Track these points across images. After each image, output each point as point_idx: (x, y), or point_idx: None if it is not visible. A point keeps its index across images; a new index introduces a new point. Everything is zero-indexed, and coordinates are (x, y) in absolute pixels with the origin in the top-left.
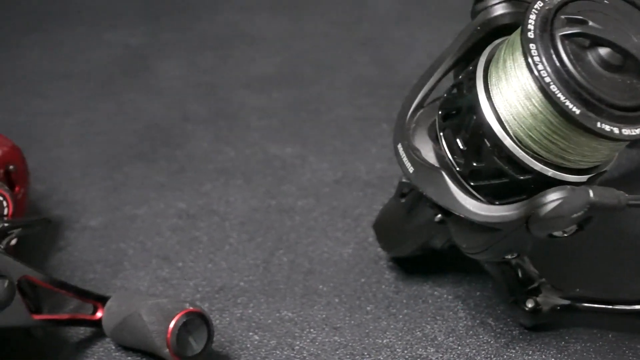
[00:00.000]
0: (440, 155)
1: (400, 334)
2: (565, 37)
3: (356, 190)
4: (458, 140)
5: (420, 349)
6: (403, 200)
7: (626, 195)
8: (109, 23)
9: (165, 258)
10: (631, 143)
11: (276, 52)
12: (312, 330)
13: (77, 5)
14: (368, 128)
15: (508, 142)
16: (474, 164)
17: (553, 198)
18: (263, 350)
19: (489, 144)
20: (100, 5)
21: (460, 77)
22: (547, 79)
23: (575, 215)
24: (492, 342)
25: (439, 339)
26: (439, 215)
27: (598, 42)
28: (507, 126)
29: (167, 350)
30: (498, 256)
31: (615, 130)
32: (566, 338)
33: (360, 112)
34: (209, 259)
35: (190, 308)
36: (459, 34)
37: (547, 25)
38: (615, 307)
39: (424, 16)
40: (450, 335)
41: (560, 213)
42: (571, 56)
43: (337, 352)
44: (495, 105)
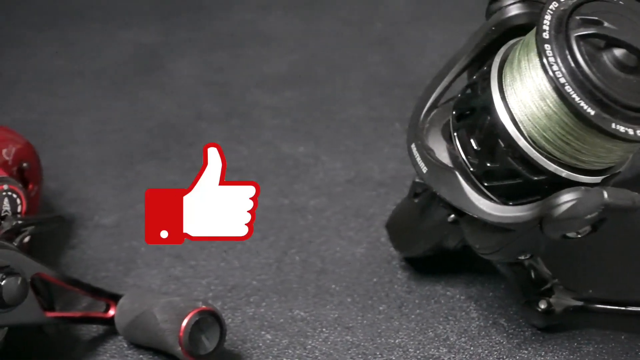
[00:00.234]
0: (454, 156)
1: (412, 334)
2: (580, 38)
3: (369, 189)
4: (472, 141)
5: (432, 349)
6: (416, 200)
7: None
8: (123, 21)
9: (177, 256)
10: None
11: (290, 52)
12: (325, 329)
13: (91, 3)
14: (381, 128)
15: (522, 143)
16: (488, 165)
17: (567, 199)
18: (275, 349)
19: (503, 145)
20: (114, 3)
21: (474, 78)
22: (562, 80)
23: (589, 216)
24: (505, 343)
25: (452, 339)
26: (452, 215)
27: (613, 43)
28: (522, 127)
29: (180, 348)
30: (511, 257)
31: (630, 131)
32: (579, 339)
33: (373, 112)
34: (221, 258)
35: (203, 307)
36: (474, 34)
37: (562, 26)
38: (628, 309)
39: (437, 16)
40: (463, 335)
41: (574, 214)
42: (586, 57)
43: (349, 352)
44: (509, 105)
